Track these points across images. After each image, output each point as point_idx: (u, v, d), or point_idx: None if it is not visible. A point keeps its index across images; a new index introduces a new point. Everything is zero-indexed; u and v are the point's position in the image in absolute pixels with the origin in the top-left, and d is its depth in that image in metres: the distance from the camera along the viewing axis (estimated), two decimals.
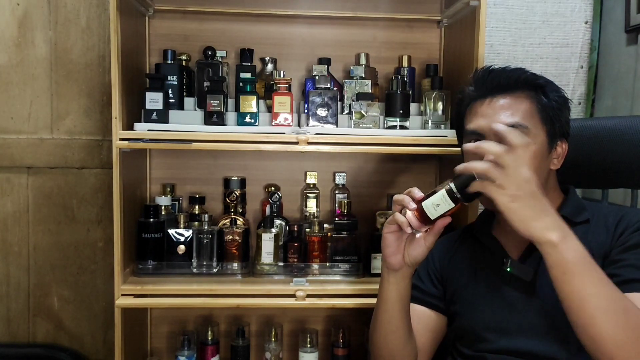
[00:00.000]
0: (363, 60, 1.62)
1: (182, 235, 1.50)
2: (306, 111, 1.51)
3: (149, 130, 1.41)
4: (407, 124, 1.50)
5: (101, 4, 1.73)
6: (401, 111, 1.48)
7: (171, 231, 1.50)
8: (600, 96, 1.87)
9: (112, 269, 1.40)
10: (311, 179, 1.69)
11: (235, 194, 1.64)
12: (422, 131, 1.50)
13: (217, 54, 1.57)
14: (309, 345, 1.62)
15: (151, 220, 1.48)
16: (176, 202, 1.64)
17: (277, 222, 1.60)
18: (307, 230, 1.56)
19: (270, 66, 1.66)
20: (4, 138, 1.74)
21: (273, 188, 1.71)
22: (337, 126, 1.48)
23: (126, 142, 1.37)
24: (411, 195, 0.97)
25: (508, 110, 0.99)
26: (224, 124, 1.46)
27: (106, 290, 1.78)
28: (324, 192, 1.72)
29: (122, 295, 1.39)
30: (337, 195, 1.68)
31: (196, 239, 1.50)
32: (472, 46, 1.42)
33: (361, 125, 1.48)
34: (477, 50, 1.39)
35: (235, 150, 1.49)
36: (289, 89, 1.50)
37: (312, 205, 1.67)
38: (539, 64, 1.80)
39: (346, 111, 1.53)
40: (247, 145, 1.41)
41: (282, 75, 1.54)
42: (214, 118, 1.45)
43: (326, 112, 1.48)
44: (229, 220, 1.59)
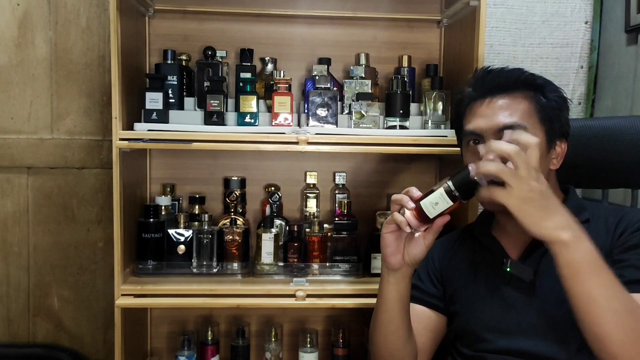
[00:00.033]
0: (363, 60, 1.62)
1: (182, 235, 1.50)
2: (306, 111, 1.51)
3: (149, 130, 1.41)
4: (407, 124, 1.50)
5: (101, 4, 1.73)
6: (401, 111, 1.48)
7: (171, 231, 1.50)
8: (600, 96, 1.87)
9: (112, 269, 1.40)
10: (311, 179, 1.69)
11: (235, 194, 1.64)
12: (422, 131, 1.50)
13: (217, 54, 1.57)
14: (309, 345, 1.62)
15: (151, 220, 1.48)
16: (176, 202, 1.64)
17: (277, 222, 1.60)
18: (307, 230, 1.56)
19: (270, 66, 1.66)
20: (4, 138, 1.74)
21: (273, 188, 1.71)
22: (337, 126, 1.48)
23: (126, 142, 1.37)
24: (409, 195, 0.97)
25: (507, 111, 0.99)
26: (224, 124, 1.46)
27: (106, 290, 1.78)
28: (323, 192, 1.72)
29: (122, 295, 1.39)
30: (337, 195, 1.68)
31: (196, 239, 1.50)
32: (472, 46, 1.42)
33: (361, 125, 1.48)
34: (477, 50, 1.39)
35: (235, 150, 1.49)
36: (289, 89, 1.50)
37: (312, 205, 1.67)
38: (539, 64, 1.80)
39: (346, 111, 1.53)
40: (247, 145, 1.41)
41: (282, 75, 1.54)
42: (214, 118, 1.45)
43: (326, 112, 1.48)
44: (229, 220, 1.59)
